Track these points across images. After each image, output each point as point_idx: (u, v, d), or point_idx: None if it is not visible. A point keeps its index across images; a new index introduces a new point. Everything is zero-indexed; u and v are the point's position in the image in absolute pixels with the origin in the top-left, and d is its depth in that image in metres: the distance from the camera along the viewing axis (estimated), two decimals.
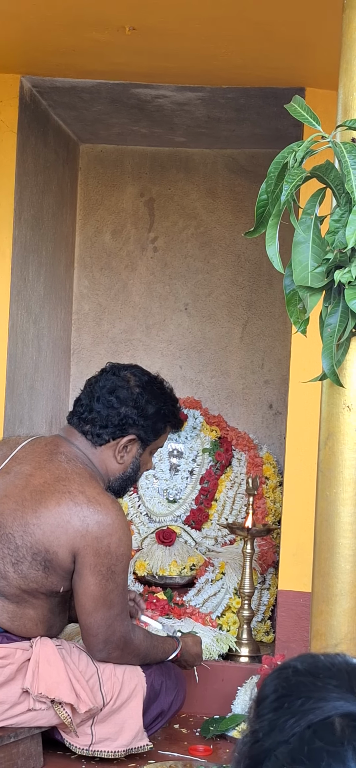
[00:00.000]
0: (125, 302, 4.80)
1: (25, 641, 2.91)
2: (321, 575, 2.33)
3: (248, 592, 3.75)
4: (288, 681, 0.93)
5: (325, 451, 2.30)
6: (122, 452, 2.93)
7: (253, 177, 4.67)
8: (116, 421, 2.89)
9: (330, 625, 2.32)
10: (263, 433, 4.68)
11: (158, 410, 2.96)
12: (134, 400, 2.92)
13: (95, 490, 2.83)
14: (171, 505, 4.40)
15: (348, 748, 0.84)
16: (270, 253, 2.23)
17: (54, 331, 4.46)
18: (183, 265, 4.76)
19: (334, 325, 2.23)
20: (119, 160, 4.79)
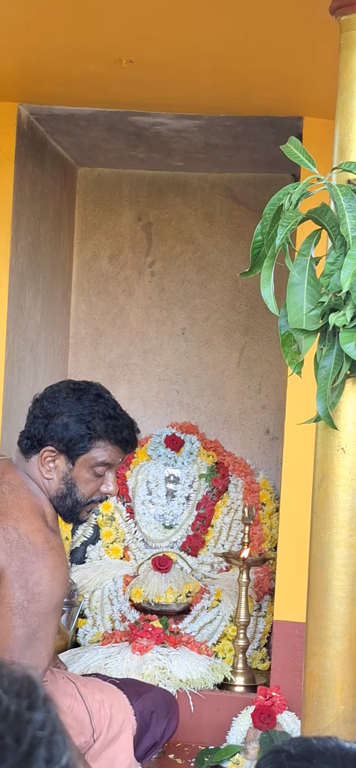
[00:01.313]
0: (122, 327, 4.80)
1: None
2: (314, 617, 2.32)
3: (243, 622, 3.74)
4: (282, 766, 0.92)
5: (319, 492, 2.30)
6: (46, 466, 2.71)
7: (251, 202, 4.68)
8: (33, 431, 2.72)
9: (323, 667, 2.32)
10: (259, 458, 4.68)
11: (77, 419, 2.71)
12: (54, 413, 2.70)
13: (31, 527, 2.67)
14: (167, 530, 4.40)
15: None
16: (265, 295, 2.24)
17: (51, 356, 4.46)
18: (180, 290, 4.76)
19: (329, 368, 2.23)
20: (116, 184, 4.80)
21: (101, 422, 2.73)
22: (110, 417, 2.75)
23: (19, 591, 2.61)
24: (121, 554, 4.35)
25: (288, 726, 3.34)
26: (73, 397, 2.74)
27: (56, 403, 2.74)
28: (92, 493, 2.78)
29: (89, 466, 2.74)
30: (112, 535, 4.36)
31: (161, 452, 4.49)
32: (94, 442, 2.72)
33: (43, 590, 2.61)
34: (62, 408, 2.72)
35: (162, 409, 4.78)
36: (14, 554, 2.63)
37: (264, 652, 4.05)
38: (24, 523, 2.68)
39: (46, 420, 2.72)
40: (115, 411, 2.80)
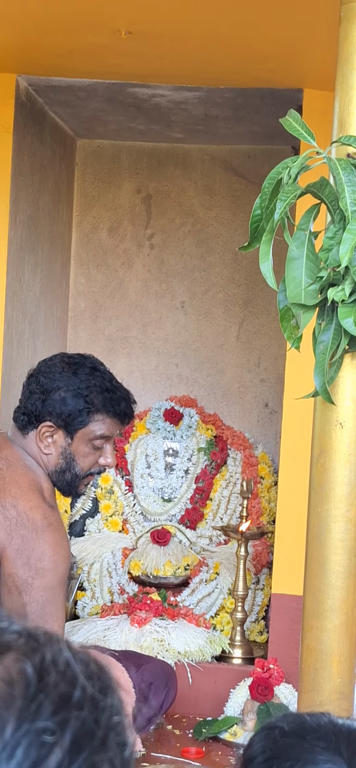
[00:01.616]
0: (121, 299, 4.79)
1: None
2: (311, 591, 2.33)
3: (241, 595, 3.76)
4: (275, 743, 0.92)
5: (317, 467, 2.30)
6: (44, 441, 2.73)
7: (251, 174, 4.66)
8: (29, 407, 2.73)
9: (320, 641, 2.33)
10: (258, 432, 4.68)
11: (74, 394, 2.72)
12: (52, 387, 2.72)
13: (29, 503, 2.68)
14: (166, 504, 4.41)
15: None
16: (264, 270, 2.23)
17: (50, 329, 4.46)
18: (180, 263, 4.75)
19: (327, 343, 2.22)
20: (116, 156, 4.78)
21: (99, 396, 2.74)
22: (107, 390, 2.77)
23: (23, 568, 2.62)
24: (120, 527, 4.36)
25: (285, 698, 3.36)
26: (69, 371, 2.74)
27: (52, 378, 2.73)
28: (91, 465, 2.80)
29: (87, 440, 2.76)
30: (111, 508, 4.37)
31: (160, 426, 4.50)
32: (92, 416, 2.74)
33: (46, 565, 2.63)
34: (59, 383, 2.72)
35: (161, 383, 4.78)
36: (14, 532, 2.64)
37: (262, 624, 4.07)
38: (22, 500, 2.69)
39: (43, 395, 2.72)
40: (111, 384, 2.80)
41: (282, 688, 3.37)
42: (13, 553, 2.63)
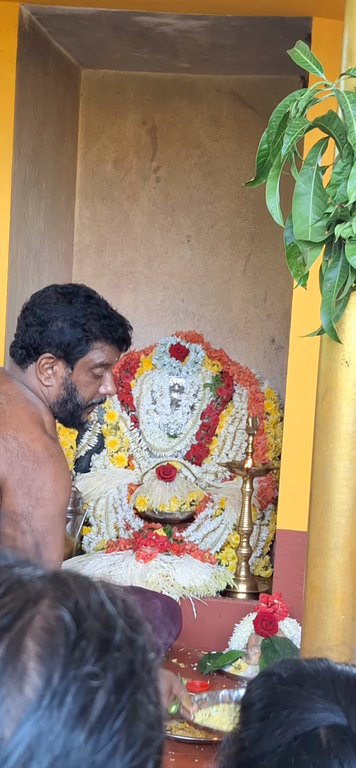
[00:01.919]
0: (126, 234, 4.74)
1: None
2: (316, 529, 2.33)
3: (246, 530, 3.76)
4: (273, 690, 0.92)
5: (323, 406, 2.29)
6: (45, 373, 2.73)
7: (259, 105, 4.58)
8: (27, 340, 2.73)
9: (324, 578, 2.33)
10: (264, 368, 4.66)
11: (71, 323, 2.71)
12: (48, 318, 2.71)
13: (30, 435, 2.68)
14: (172, 440, 4.40)
15: (334, 761, 0.84)
16: (270, 206, 2.19)
17: (55, 264, 4.42)
18: (186, 196, 4.69)
19: (334, 280, 2.19)
20: (121, 86, 4.70)
21: (96, 323, 2.73)
22: (103, 317, 2.76)
23: (23, 498, 2.62)
24: (125, 463, 4.37)
25: (289, 632, 3.38)
26: (64, 301, 2.73)
27: (48, 309, 2.72)
28: (92, 395, 2.80)
29: (87, 369, 2.75)
30: (116, 444, 4.37)
31: (166, 361, 4.48)
32: (91, 344, 2.73)
33: (46, 495, 2.63)
34: (55, 313, 2.71)
35: (167, 318, 4.75)
36: (15, 463, 2.64)
37: (267, 559, 4.08)
38: (23, 433, 2.68)
39: (41, 327, 2.71)
40: (107, 311, 2.80)
41: (286, 622, 3.39)
42: (14, 483, 2.63)
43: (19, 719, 0.59)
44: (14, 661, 0.61)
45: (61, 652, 0.63)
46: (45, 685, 0.61)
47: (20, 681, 0.61)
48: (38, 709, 0.60)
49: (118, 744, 0.63)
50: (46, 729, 0.59)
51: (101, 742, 0.62)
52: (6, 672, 0.60)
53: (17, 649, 0.62)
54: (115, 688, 0.64)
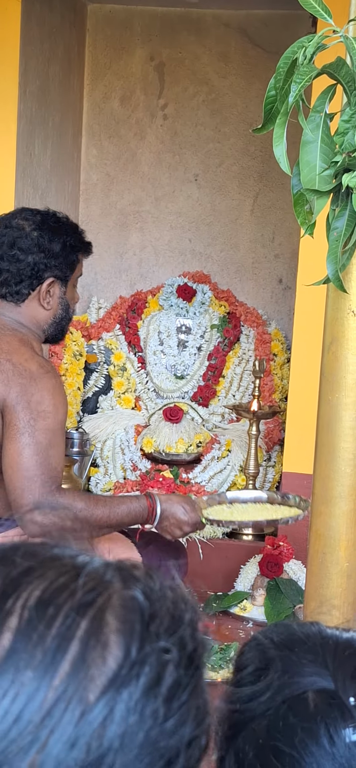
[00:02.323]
0: (133, 172, 4.70)
1: (15, 527, 2.84)
2: (321, 478, 2.34)
3: (252, 473, 3.78)
4: (264, 654, 0.94)
5: (328, 356, 2.28)
6: (47, 298, 2.81)
7: (267, 42, 4.51)
8: (28, 272, 2.77)
9: (328, 526, 2.34)
10: (272, 308, 4.64)
11: (63, 244, 2.81)
12: (37, 244, 2.77)
13: (23, 356, 2.72)
14: (179, 381, 4.40)
15: (321, 724, 0.85)
16: (277, 154, 2.17)
17: (61, 203, 4.39)
18: (193, 134, 4.65)
19: (340, 230, 2.18)
20: (128, 21, 4.63)
21: (76, 238, 2.87)
22: (77, 231, 2.91)
23: (23, 412, 2.65)
24: (132, 404, 4.38)
25: (294, 574, 3.41)
26: (45, 227, 2.80)
27: (36, 238, 2.78)
28: (73, 306, 2.96)
29: (73, 283, 2.90)
30: (123, 385, 4.38)
31: (173, 302, 4.47)
32: (78, 259, 2.89)
33: (46, 408, 2.67)
34: (45, 239, 2.78)
35: (174, 258, 4.73)
36: (12, 382, 2.68)
37: None
38: (16, 355, 2.74)
39: (41, 256, 2.77)
40: (76, 225, 2.95)
41: (292, 564, 3.42)
42: (12, 400, 2.67)
43: (103, 686, 0.65)
44: (97, 634, 0.67)
45: (137, 627, 0.68)
46: (125, 657, 0.66)
47: (103, 651, 0.66)
48: (118, 677, 0.66)
49: (184, 715, 0.69)
50: (125, 696, 0.65)
51: (171, 712, 0.68)
52: (90, 643, 0.66)
53: (100, 624, 0.67)
54: (184, 662, 0.70)
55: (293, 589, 3.32)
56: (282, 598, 3.29)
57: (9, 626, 0.66)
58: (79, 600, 0.68)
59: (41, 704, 0.63)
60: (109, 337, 4.48)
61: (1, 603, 0.67)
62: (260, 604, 3.37)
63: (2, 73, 3.68)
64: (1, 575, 0.69)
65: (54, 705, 0.63)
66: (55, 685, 0.64)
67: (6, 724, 0.63)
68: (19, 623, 0.66)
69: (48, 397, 2.67)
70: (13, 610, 0.67)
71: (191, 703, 0.70)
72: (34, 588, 0.68)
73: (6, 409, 2.68)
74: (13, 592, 0.68)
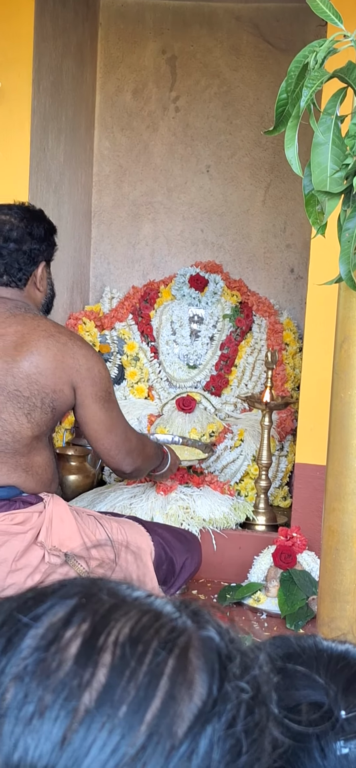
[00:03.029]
0: (146, 164, 4.74)
1: (39, 504, 3.01)
2: (334, 474, 2.38)
3: (265, 463, 3.81)
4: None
5: (341, 353, 2.32)
6: (40, 280, 3.07)
7: (279, 33, 4.53)
8: (26, 259, 3.01)
9: (342, 522, 2.38)
10: (284, 298, 4.68)
11: (45, 229, 3.09)
12: (29, 233, 3.03)
13: (62, 329, 3.03)
14: (191, 370, 4.44)
15: (313, 738, 0.87)
16: (289, 156, 2.20)
17: (74, 195, 4.43)
18: (205, 126, 4.67)
19: (352, 230, 2.21)
20: (140, 15, 4.66)
21: (48, 221, 3.14)
22: (45, 215, 3.16)
23: (101, 382, 2.99)
24: (145, 394, 4.42)
25: (307, 565, 3.44)
26: (27, 215, 3.07)
27: (25, 227, 3.03)
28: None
29: (51, 261, 3.18)
30: (136, 375, 4.42)
31: (185, 292, 4.50)
32: (55, 239, 3.17)
33: (107, 373, 3.04)
34: (34, 227, 3.04)
35: (186, 248, 4.76)
36: (76, 354, 2.95)
37: (286, 490, 4.14)
38: (60, 328, 3.02)
39: (35, 242, 3.03)
40: (40, 209, 3.19)
41: (305, 555, 3.46)
42: (86, 373, 2.96)
43: (190, 722, 0.68)
44: (184, 672, 0.69)
45: (217, 667, 0.71)
46: (208, 695, 0.70)
47: (189, 689, 0.69)
48: (203, 714, 0.69)
49: (258, 751, 0.72)
50: (209, 732, 0.68)
51: (247, 748, 0.71)
52: (178, 681, 0.69)
53: (185, 662, 0.70)
54: (257, 701, 0.73)
55: (306, 580, 3.36)
56: (296, 589, 3.33)
57: (103, 662, 0.68)
58: (165, 639, 0.70)
59: (135, 738, 0.66)
60: (122, 327, 4.52)
61: (94, 639, 0.69)
62: (274, 595, 3.41)
63: (16, 70, 3.71)
64: (90, 612, 0.71)
65: (147, 739, 0.66)
66: (148, 720, 0.66)
67: (103, 756, 0.65)
68: (113, 659, 0.68)
69: (102, 362, 3.05)
70: (105, 647, 0.69)
71: (261, 740, 0.73)
72: (123, 626, 0.70)
73: (82, 381, 2.96)
74: (103, 629, 0.70)
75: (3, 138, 3.76)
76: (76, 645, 0.69)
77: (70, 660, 0.68)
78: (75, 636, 0.70)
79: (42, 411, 2.94)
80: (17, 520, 2.96)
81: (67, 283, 4.41)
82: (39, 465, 3.02)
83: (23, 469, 2.98)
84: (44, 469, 3.04)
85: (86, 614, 0.71)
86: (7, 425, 2.92)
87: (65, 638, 0.70)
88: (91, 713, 0.66)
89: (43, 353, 2.91)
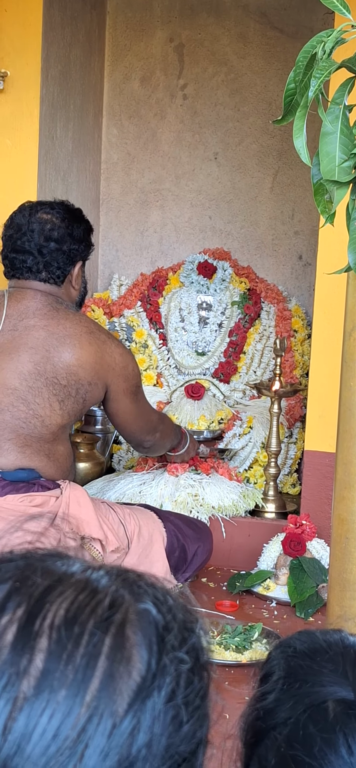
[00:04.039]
0: (154, 151, 4.74)
1: (57, 489, 3.07)
2: (343, 463, 2.38)
3: (274, 451, 3.82)
4: (288, 662, 0.97)
5: (349, 342, 2.33)
6: (77, 279, 3.18)
7: (286, 20, 4.52)
8: (65, 259, 3.11)
9: (351, 511, 2.39)
10: (292, 285, 4.68)
11: (84, 230, 3.18)
12: (69, 234, 3.11)
13: (101, 327, 3.17)
14: (200, 357, 4.45)
15: (339, 734, 0.87)
16: (298, 145, 2.21)
17: (83, 183, 4.43)
18: (213, 113, 4.67)
19: None
20: (147, 4, 4.65)
21: (87, 221, 3.21)
22: (84, 215, 3.24)
23: (133, 378, 3.18)
24: (154, 381, 4.43)
25: (317, 552, 3.45)
26: (68, 214, 3.14)
27: (66, 228, 3.11)
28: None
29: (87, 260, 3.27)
30: (145, 362, 4.43)
31: (194, 279, 4.51)
32: (92, 239, 3.25)
33: (134, 369, 3.20)
34: (74, 228, 3.12)
35: (195, 235, 4.76)
36: (113, 353, 3.11)
37: (295, 477, 4.15)
38: (98, 326, 3.15)
39: (75, 243, 3.12)
40: (79, 209, 3.26)
41: (315, 543, 3.47)
42: (120, 371, 3.12)
43: (130, 698, 0.69)
44: (121, 649, 0.71)
45: (154, 640, 0.72)
46: (146, 670, 0.71)
47: (128, 666, 0.70)
48: (143, 689, 0.70)
49: (200, 719, 0.74)
50: (150, 706, 0.70)
51: (188, 717, 0.72)
52: (116, 659, 0.70)
53: (122, 639, 0.71)
54: (196, 670, 0.74)
55: (316, 568, 3.37)
56: (305, 577, 3.34)
57: (40, 648, 0.69)
58: (101, 617, 0.71)
59: (76, 720, 0.67)
60: (130, 315, 4.53)
61: (30, 625, 0.70)
62: (284, 583, 3.42)
63: (25, 60, 3.72)
64: (25, 596, 0.72)
65: (88, 720, 0.67)
66: (88, 701, 0.68)
67: (45, 741, 0.66)
68: (49, 644, 0.69)
69: (128, 357, 3.18)
70: (41, 632, 0.70)
71: (203, 707, 0.74)
72: (58, 608, 0.71)
73: (116, 379, 3.12)
74: (38, 613, 0.71)
75: (12, 126, 3.77)
76: (12, 632, 0.70)
77: (7, 648, 0.69)
78: (10, 623, 0.70)
79: (75, 401, 3.06)
80: (36, 503, 3.02)
81: None
82: (61, 453, 3.11)
83: (46, 455, 3.06)
84: (65, 458, 3.14)
85: (21, 599, 0.72)
86: (39, 409, 3.02)
87: (1, 625, 0.70)
88: (30, 700, 0.67)
89: (85, 347, 3.05)
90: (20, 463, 3.03)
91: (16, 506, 2.98)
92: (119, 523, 3.14)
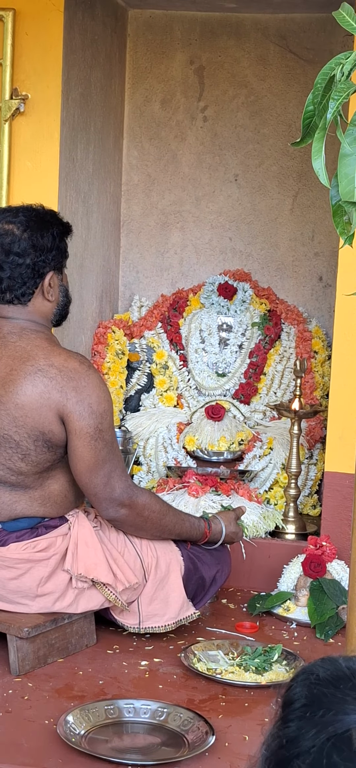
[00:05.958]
0: (174, 173, 4.76)
1: (64, 526, 2.97)
2: None
3: (294, 472, 3.82)
4: (311, 690, 0.95)
5: None
6: (50, 291, 2.93)
7: (305, 42, 4.54)
8: (29, 273, 2.87)
9: None
10: (312, 306, 4.68)
11: (53, 236, 2.92)
12: (32, 245, 2.86)
13: (61, 356, 2.84)
14: (220, 378, 4.46)
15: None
16: (316, 167, 2.21)
17: (103, 205, 4.46)
18: (233, 135, 4.69)
19: None
20: (168, 26, 4.69)
21: (59, 224, 2.99)
22: (58, 217, 3.03)
23: (90, 417, 2.81)
24: (174, 402, 4.44)
25: (337, 574, 3.44)
26: (32, 226, 2.88)
27: (28, 238, 2.87)
28: (68, 287, 3.08)
29: (63, 266, 3.02)
30: (165, 383, 4.44)
31: (214, 300, 4.52)
32: (66, 244, 3.01)
33: (106, 406, 2.86)
34: (38, 236, 2.88)
35: (215, 257, 4.78)
36: (65, 388, 2.79)
37: (315, 498, 4.14)
38: (54, 357, 2.85)
39: (39, 254, 2.88)
40: (53, 211, 3.05)
41: (335, 564, 3.46)
42: (73, 407, 2.79)
43: None
44: None
45: None
46: None
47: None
48: None
49: None
50: None
51: None
52: None
53: None
54: None
55: (336, 589, 3.36)
56: (326, 598, 3.33)
57: None
58: None
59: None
60: (151, 336, 4.54)
61: None
62: (304, 604, 3.41)
63: (46, 83, 3.75)
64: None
65: None
66: None
67: None
68: None
69: (102, 392, 2.84)
70: None
71: None
72: None
73: (69, 416, 2.80)
74: None
75: (33, 149, 3.80)
76: None
77: None
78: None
79: (37, 452, 2.83)
80: (40, 547, 2.92)
81: (96, 291, 4.44)
82: (57, 493, 2.95)
83: (40, 503, 2.93)
84: (64, 495, 2.97)
85: None
86: (9, 464, 2.85)
87: None
88: None
89: (28, 392, 2.78)
90: (17, 512, 2.91)
91: (20, 554, 2.90)
92: (136, 556, 3.06)
